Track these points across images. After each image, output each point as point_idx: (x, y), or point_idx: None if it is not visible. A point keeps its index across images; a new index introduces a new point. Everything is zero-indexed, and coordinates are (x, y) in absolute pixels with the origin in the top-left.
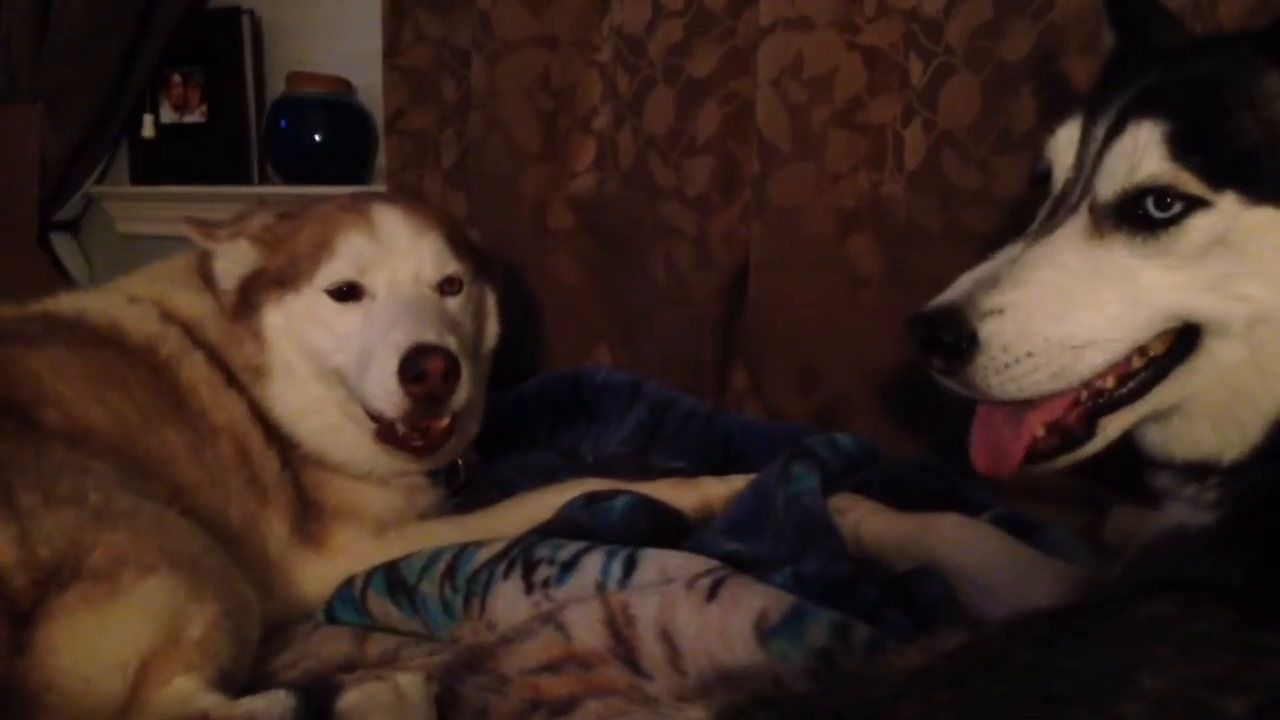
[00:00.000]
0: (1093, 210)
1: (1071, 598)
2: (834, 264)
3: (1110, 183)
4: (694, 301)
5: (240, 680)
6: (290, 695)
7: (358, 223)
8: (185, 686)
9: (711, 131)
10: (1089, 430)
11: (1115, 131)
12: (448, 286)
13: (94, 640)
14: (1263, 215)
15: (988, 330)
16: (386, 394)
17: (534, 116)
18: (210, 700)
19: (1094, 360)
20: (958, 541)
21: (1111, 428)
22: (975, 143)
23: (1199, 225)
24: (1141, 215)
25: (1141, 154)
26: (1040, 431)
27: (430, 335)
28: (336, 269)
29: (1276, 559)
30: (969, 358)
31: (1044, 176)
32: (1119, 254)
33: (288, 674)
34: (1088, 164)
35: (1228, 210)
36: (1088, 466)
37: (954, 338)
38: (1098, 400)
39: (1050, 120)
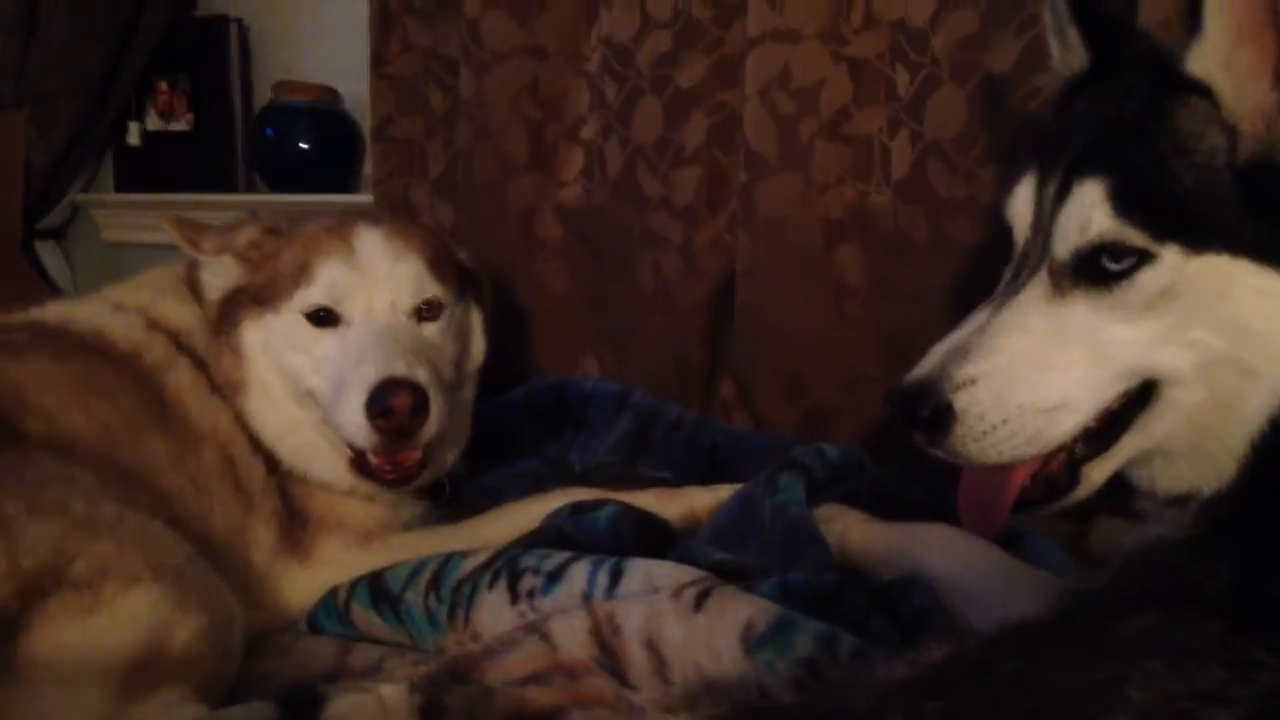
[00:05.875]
0: (1052, 270)
1: (1056, 607)
2: (821, 274)
3: (1064, 243)
4: (681, 311)
5: (224, 690)
6: (273, 706)
7: (338, 248)
8: (168, 697)
9: (699, 142)
10: (1073, 478)
11: (1064, 191)
12: (426, 311)
13: (77, 651)
14: (1205, 263)
15: (963, 402)
16: (355, 427)
17: (522, 126)
18: (193, 711)
19: (1066, 423)
20: (943, 551)
21: (1095, 474)
22: (961, 154)
23: (1147, 279)
24: (1098, 271)
25: (1089, 213)
26: (1026, 482)
27: (400, 368)
28: (313, 294)
29: (1258, 570)
30: (948, 428)
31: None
32: (1080, 311)
33: (271, 684)
34: (1044, 223)
35: (1172, 262)
36: None
37: (931, 412)
38: (1075, 450)
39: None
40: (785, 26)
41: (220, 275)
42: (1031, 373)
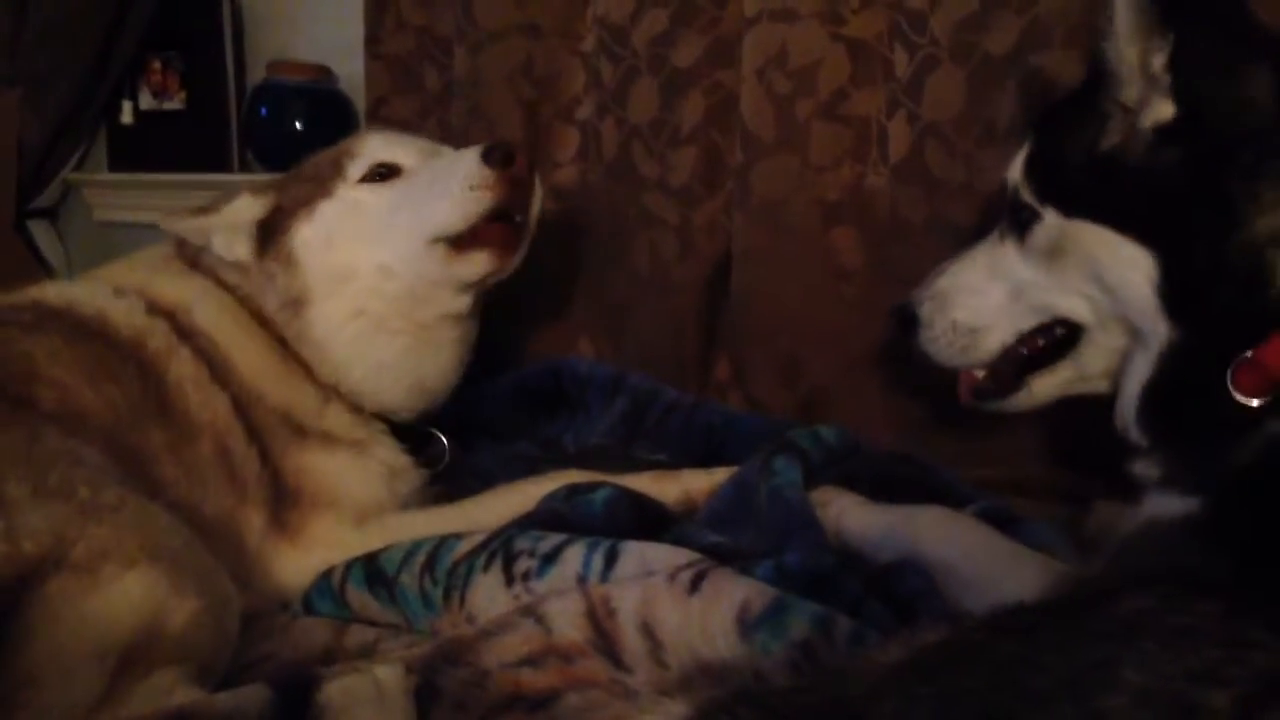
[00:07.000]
0: (1002, 218)
1: (1054, 592)
2: (817, 256)
3: (1008, 193)
4: (677, 293)
5: (219, 674)
6: (268, 689)
7: (375, 129)
8: (163, 681)
9: (695, 122)
10: (1017, 384)
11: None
12: None
13: (72, 634)
14: (1078, 227)
15: (924, 312)
16: (473, 182)
17: (517, 106)
18: (187, 695)
19: (990, 342)
20: (940, 534)
21: (1037, 386)
22: (959, 136)
23: (1037, 232)
24: (1020, 221)
25: (1013, 168)
26: (980, 374)
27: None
28: (367, 158)
29: (1259, 553)
30: (916, 332)
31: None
32: (1009, 253)
33: (265, 665)
34: None
35: (1052, 222)
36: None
37: (904, 316)
38: (1022, 360)
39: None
40: (782, 6)
41: (240, 215)
42: (966, 296)
